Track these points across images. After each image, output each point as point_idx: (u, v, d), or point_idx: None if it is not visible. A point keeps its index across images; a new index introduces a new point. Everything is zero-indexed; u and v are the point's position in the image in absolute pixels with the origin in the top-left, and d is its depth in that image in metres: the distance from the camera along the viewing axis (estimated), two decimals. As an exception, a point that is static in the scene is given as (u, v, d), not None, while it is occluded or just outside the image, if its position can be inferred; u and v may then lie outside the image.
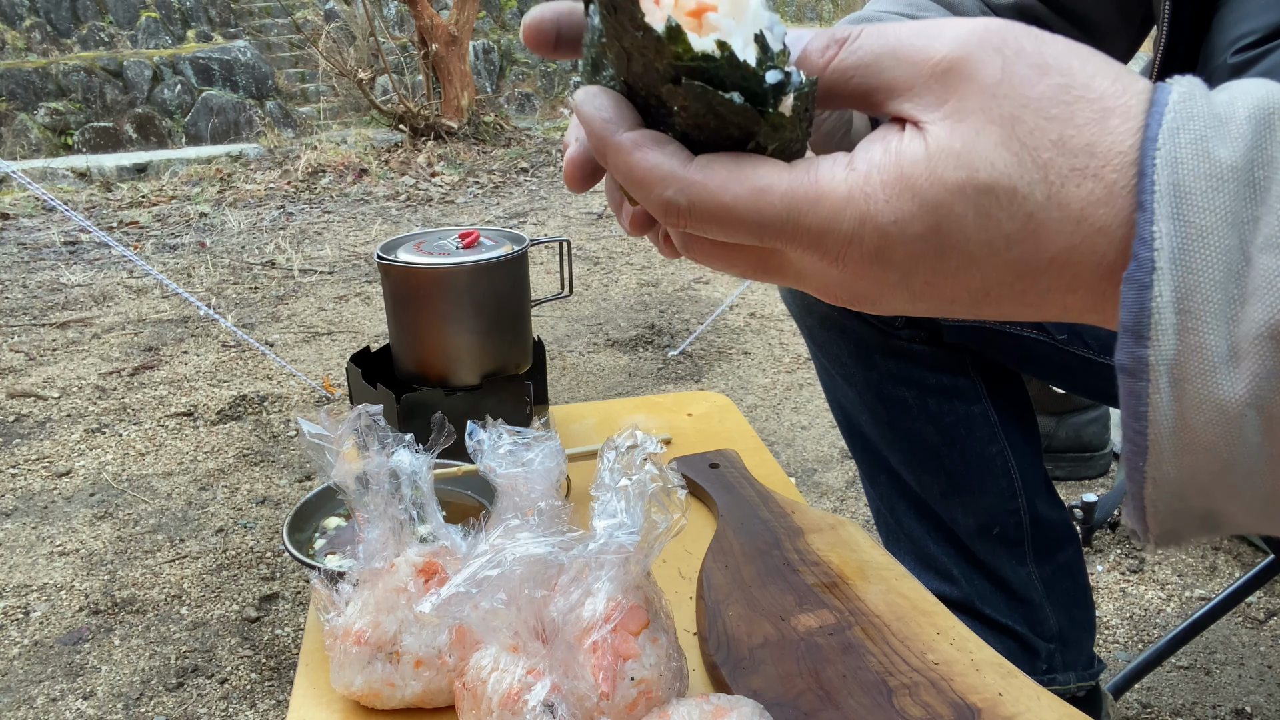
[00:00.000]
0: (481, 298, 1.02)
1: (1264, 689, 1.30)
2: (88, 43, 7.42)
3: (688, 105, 0.35)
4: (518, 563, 0.54)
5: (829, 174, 0.34)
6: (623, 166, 0.36)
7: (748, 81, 0.34)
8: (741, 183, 0.34)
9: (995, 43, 0.32)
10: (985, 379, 0.91)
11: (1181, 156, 0.30)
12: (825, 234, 0.34)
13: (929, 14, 0.75)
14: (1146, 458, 0.32)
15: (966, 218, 0.32)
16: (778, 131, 0.35)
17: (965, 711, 0.63)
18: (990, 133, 0.31)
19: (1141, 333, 0.31)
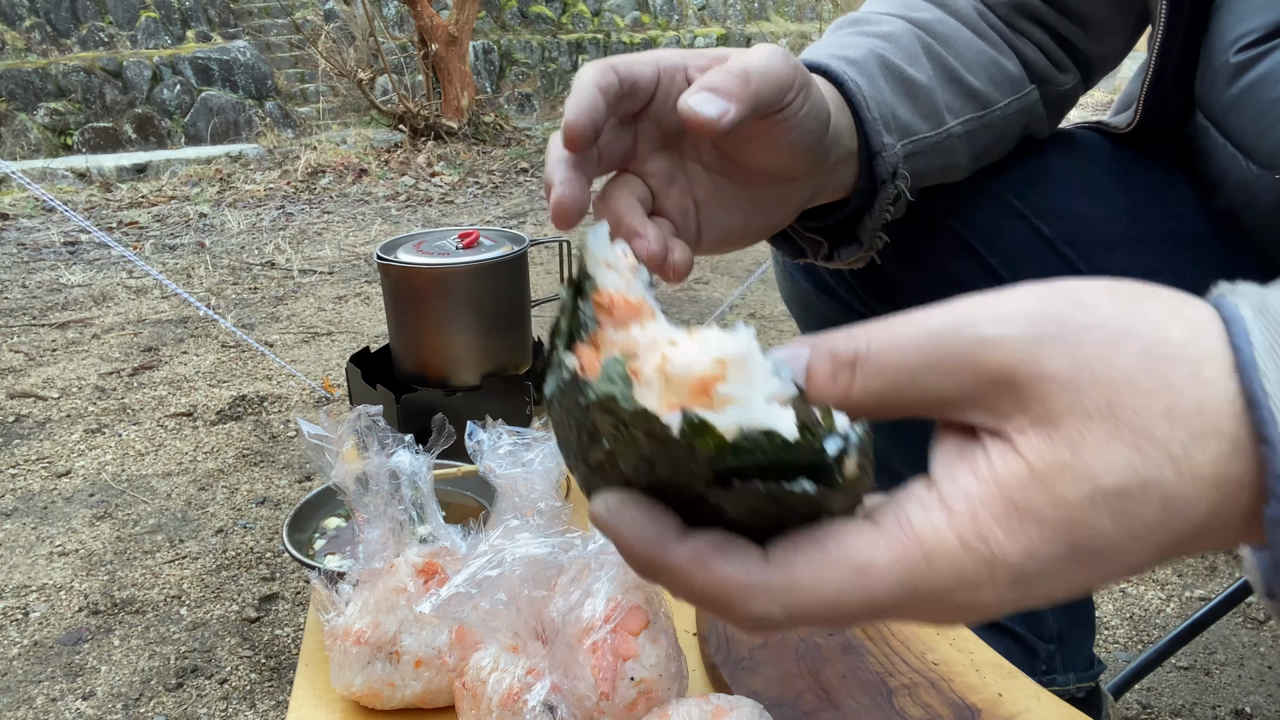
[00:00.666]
0: (481, 298, 1.02)
1: (1264, 689, 1.30)
2: (87, 43, 7.42)
3: (743, 502, 0.30)
4: (518, 563, 0.54)
5: (927, 525, 0.30)
6: (688, 588, 0.31)
7: (805, 458, 0.30)
8: (837, 568, 0.30)
9: (1050, 330, 0.29)
10: None
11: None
12: (951, 590, 0.30)
13: (921, 13, 0.75)
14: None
15: (1103, 525, 0.29)
16: (848, 497, 0.32)
17: (965, 711, 0.63)
18: (1095, 431, 0.28)
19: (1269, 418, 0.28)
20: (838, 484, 0.30)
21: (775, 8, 10.35)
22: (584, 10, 9.27)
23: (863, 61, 0.68)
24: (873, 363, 0.31)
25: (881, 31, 0.72)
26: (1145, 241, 0.76)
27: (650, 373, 0.30)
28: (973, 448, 0.30)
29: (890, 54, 0.70)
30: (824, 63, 0.66)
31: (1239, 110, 0.67)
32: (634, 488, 0.32)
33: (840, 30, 0.75)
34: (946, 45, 0.74)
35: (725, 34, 9.63)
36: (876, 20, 0.74)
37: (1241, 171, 0.69)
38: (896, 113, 0.69)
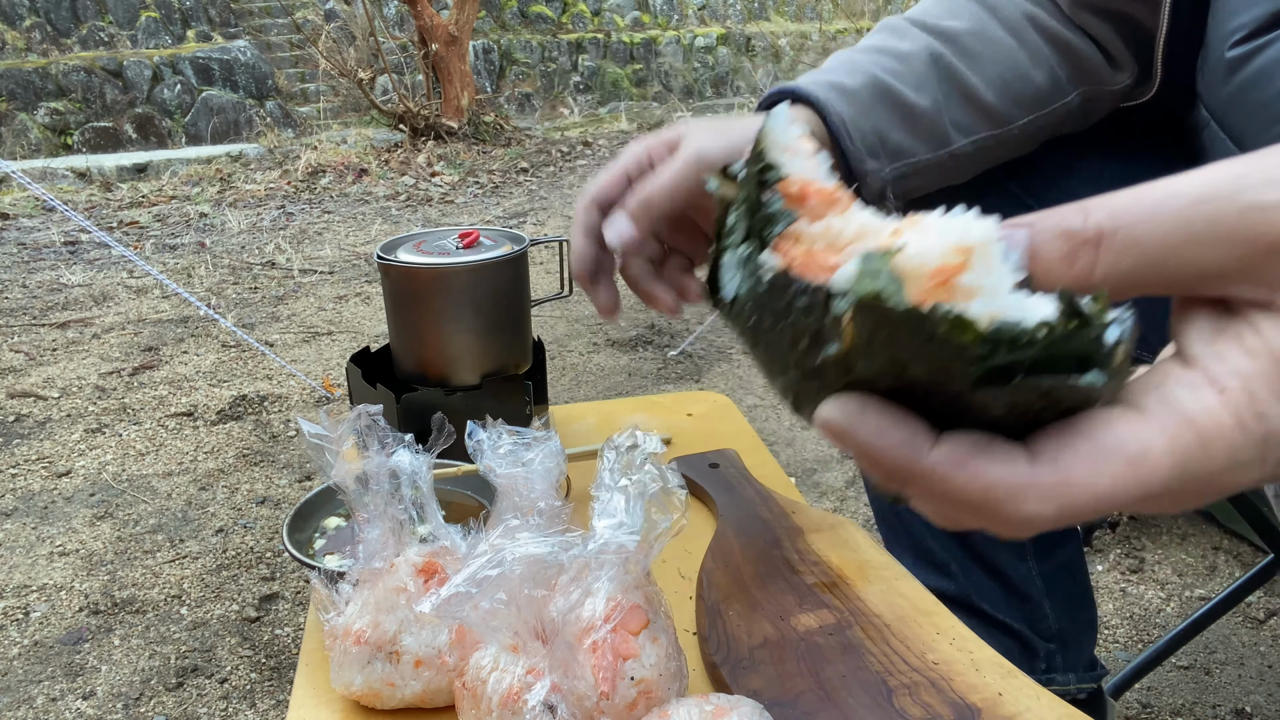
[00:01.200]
0: (481, 298, 1.02)
1: (1264, 689, 1.30)
2: (88, 43, 7.42)
3: (1014, 400, 0.28)
4: (518, 563, 0.54)
5: (1199, 406, 0.28)
6: (946, 494, 0.29)
7: (1087, 354, 0.27)
8: (1112, 460, 0.29)
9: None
10: None
11: None
12: (1222, 472, 0.29)
13: (957, 22, 0.75)
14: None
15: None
16: (1116, 382, 0.29)
17: (965, 711, 0.63)
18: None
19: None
20: (1112, 370, 0.28)
21: (775, 7, 10.35)
22: (584, 10, 9.27)
23: (858, 90, 0.71)
24: (1122, 237, 0.29)
25: (900, 51, 0.74)
26: None
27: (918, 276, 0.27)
28: (1236, 323, 0.29)
29: (894, 79, 0.72)
30: (809, 92, 0.70)
31: (1235, 108, 0.67)
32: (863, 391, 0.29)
33: (871, 41, 0.77)
34: (972, 61, 0.74)
35: (725, 33, 9.63)
36: (903, 34, 0.76)
37: None
38: (889, 137, 0.72)
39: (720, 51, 9.58)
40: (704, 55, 9.48)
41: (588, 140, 6.57)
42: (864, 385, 0.29)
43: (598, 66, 8.99)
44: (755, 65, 9.79)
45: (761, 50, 9.84)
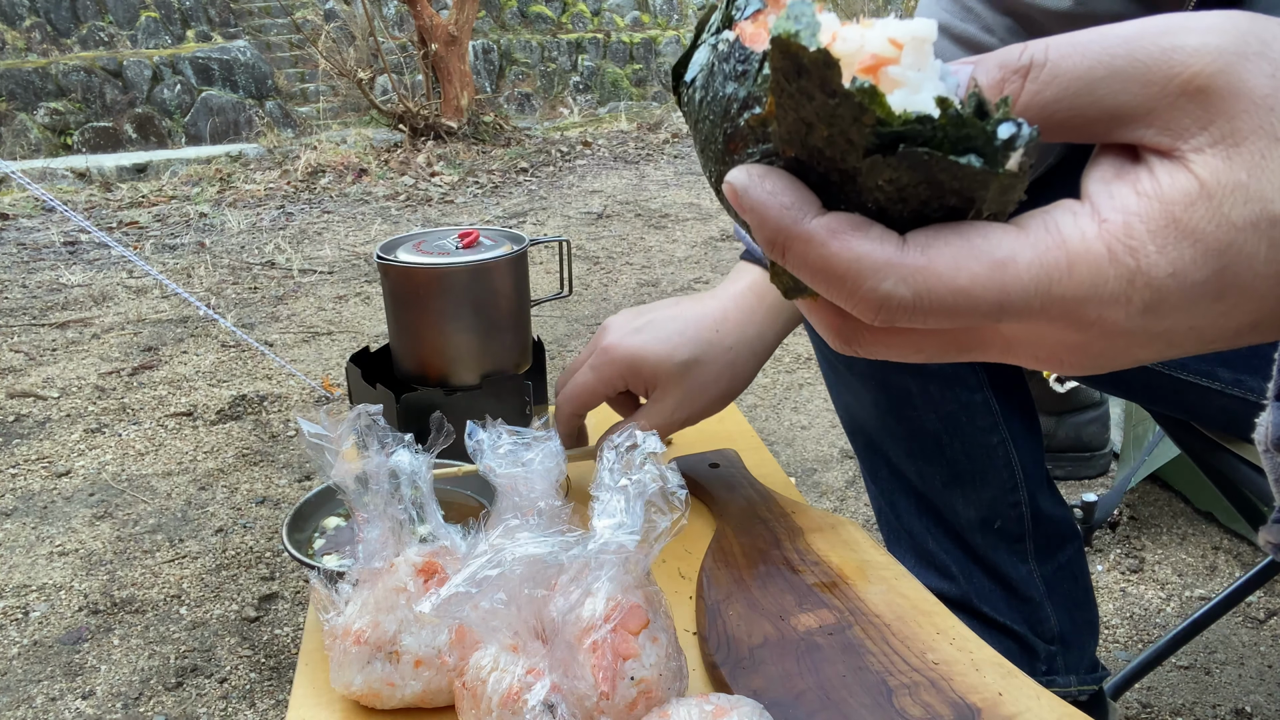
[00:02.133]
0: (481, 298, 1.02)
1: (1264, 689, 1.30)
2: (87, 43, 7.42)
3: (896, 177, 0.30)
4: (517, 563, 0.54)
5: (1075, 232, 0.29)
6: (816, 260, 0.30)
7: (974, 141, 0.28)
8: (978, 259, 0.29)
9: (1255, 46, 0.27)
10: (987, 369, 0.91)
11: None
12: (1084, 301, 0.29)
13: (971, 24, 0.74)
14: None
15: (1258, 255, 0.28)
16: (1005, 194, 0.30)
17: (965, 711, 0.63)
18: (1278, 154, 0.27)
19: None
20: (1000, 172, 0.29)
21: (775, 7, 10.35)
22: (584, 10, 9.27)
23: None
24: (1049, 69, 0.29)
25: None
26: None
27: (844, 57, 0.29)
28: (1136, 167, 0.29)
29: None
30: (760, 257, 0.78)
31: None
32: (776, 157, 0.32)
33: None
34: None
35: (725, 34, 9.63)
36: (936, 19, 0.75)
37: None
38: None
39: (720, 51, 9.58)
40: (704, 55, 9.48)
41: (588, 140, 6.57)
42: (773, 158, 0.32)
43: (597, 66, 8.99)
44: (755, 65, 9.79)
45: (761, 50, 9.84)
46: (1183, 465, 1.67)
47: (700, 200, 4.76)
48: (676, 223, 4.30)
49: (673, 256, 3.74)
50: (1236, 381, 0.74)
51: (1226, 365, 0.74)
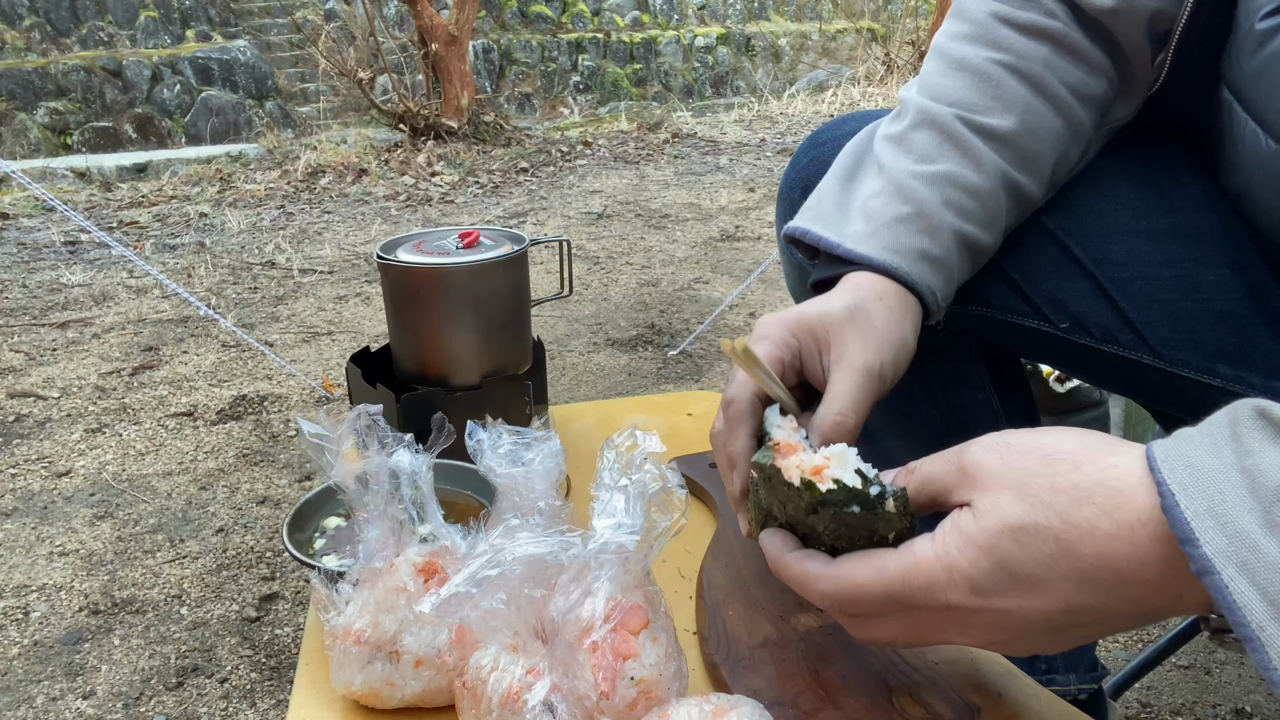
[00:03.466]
0: (481, 297, 1.02)
1: (1264, 688, 1.30)
2: (87, 42, 7.42)
3: (828, 525, 0.55)
4: (518, 562, 0.54)
5: (922, 548, 0.50)
6: (790, 576, 0.55)
7: (860, 497, 0.54)
8: (864, 567, 0.51)
9: (988, 443, 0.50)
10: (989, 367, 0.91)
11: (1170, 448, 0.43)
12: (931, 588, 0.49)
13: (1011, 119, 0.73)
14: (1268, 649, 0.37)
15: (1014, 550, 0.46)
16: (890, 524, 0.54)
17: (965, 711, 0.63)
18: (1006, 494, 0.47)
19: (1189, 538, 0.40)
20: (879, 513, 0.54)
21: (775, 7, 10.35)
22: (584, 10, 9.27)
23: (945, 256, 0.70)
24: (918, 472, 0.55)
25: (975, 186, 0.71)
26: (1146, 233, 0.76)
27: (793, 470, 0.56)
28: (957, 513, 0.50)
29: (974, 225, 0.71)
30: (909, 276, 0.69)
31: (1261, 82, 0.67)
32: (776, 523, 0.60)
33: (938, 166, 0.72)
34: (1030, 167, 0.73)
35: (725, 33, 9.63)
36: (971, 155, 0.72)
37: (1259, 147, 0.69)
38: (962, 280, 0.74)
39: (720, 51, 9.58)
40: (704, 55, 9.48)
41: (588, 140, 6.57)
42: (772, 519, 0.61)
43: (598, 66, 8.99)
44: (755, 65, 9.79)
45: (761, 50, 9.84)
46: (1183, 465, 1.66)
47: (700, 200, 4.77)
48: (676, 223, 4.30)
49: (673, 256, 3.74)
50: (1238, 378, 0.74)
51: (1227, 362, 0.75)
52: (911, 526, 0.55)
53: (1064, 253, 0.77)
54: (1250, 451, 0.39)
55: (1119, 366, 0.78)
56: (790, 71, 9.98)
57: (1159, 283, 0.74)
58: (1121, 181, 0.79)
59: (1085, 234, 0.77)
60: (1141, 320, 0.75)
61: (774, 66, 9.87)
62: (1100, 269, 0.76)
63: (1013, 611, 0.47)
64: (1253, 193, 0.73)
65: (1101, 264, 0.76)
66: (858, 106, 7.62)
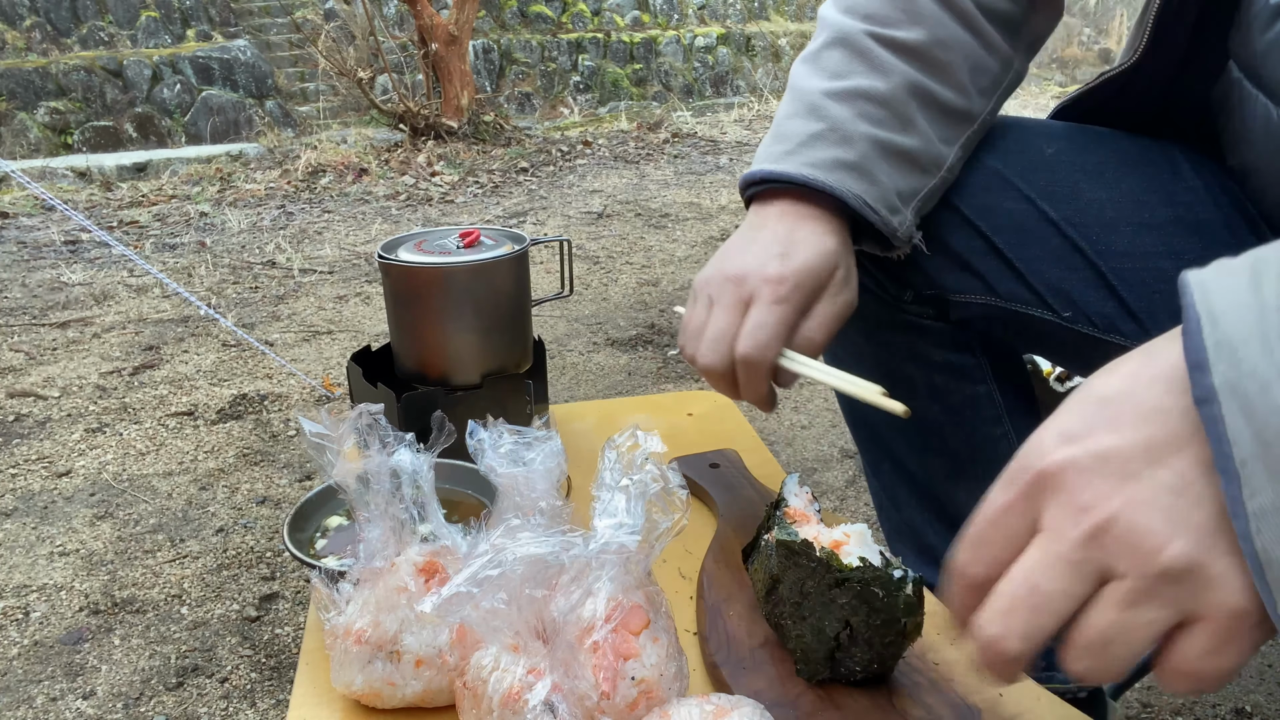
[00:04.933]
0: (482, 297, 1.02)
1: (1264, 688, 1.30)
2: (88, 42, 7.42)
3: (848, 602, 0.60)
4: (519, 562, 0.54)
5: None
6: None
7: (883, 579, 0.59)
8: None
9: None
10: (991, 360, 0.91)
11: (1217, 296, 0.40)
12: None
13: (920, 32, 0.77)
14: (1241, 484, 0.36)
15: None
16: (909, 610, 0.60)
17: (965, 712, 0.63)
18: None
19: (1201, 364, 0.38)
20: (900, 596, 0.59)
21: (775, 7, 10.35)
22: (584, 9, 9.27)
23: (861, 161, 0.74)
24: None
25: (880, 93, 0.75)
26: (1148, 225, 0.77)
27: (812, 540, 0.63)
28: None
29: (886, 130, 0.75)
30: (820, 181, 0.73)
31: (1272, 57, 0.68)
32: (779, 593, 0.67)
33: (844, 81, 0.76)
34: (942, 75, 0.77)
35: (725, 33, 9.63)
36: (874, 63, 0.76)
37: (1270, 122, 0.69)
38: (901, 188, 0.75)
39: (720, 51, 9.58)
40: (704, 55, 9.48)
41: (588, 140, 6.57)
42: (776, 588, 0.68)
43: (598, 66, 8.99)
44: (755, 65, 9.79)
45: (761, 50, 9.84)
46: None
47: (700, 200, 4.76)
48: (677, 222, 4.30)
49: (673, 256, 3.74)
50: None
51: None
52: (923, 615, 0.61)
53: (1067, 243, 0.77)
54: (1269, 285, 0.38)
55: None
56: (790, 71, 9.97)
57: (1161, 273, 0.75)
58: (1124, 174, 0.79)
59: (1088, 225, 0.77)
60: (1144, 310, 0.76)
61: (774, 66, 9.86)
62: (1103, 259, 0.76)
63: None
64: (1260, 168, 0.74)
65: (1104, 254, 0.76)
66: (858, 106, 7.59)
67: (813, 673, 0.66)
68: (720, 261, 0.78)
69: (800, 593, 0.63)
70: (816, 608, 0.63)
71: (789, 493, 0.73)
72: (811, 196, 0.75)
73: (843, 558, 0.62)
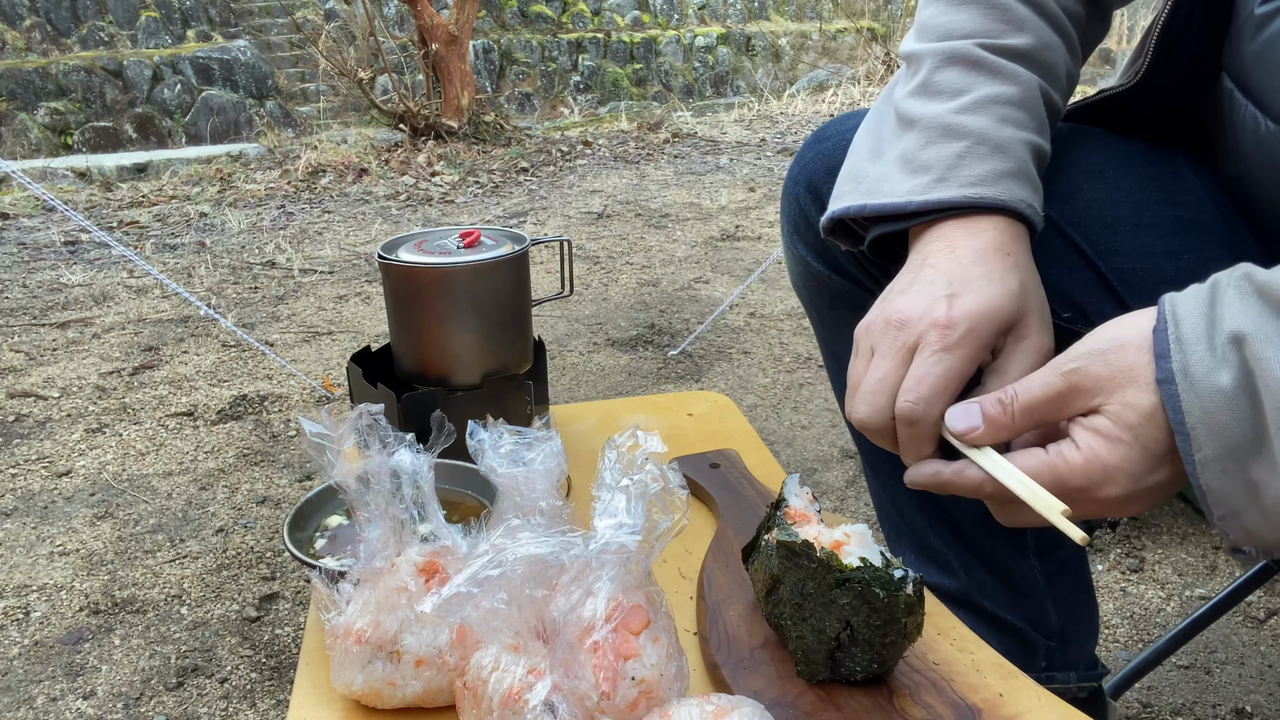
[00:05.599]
0: (482, 297, 1.02)
1: (1264, 688, 1.30)
2: (88, 42, 7.42)
3: (848, 602, 0.61)
4: (519, 562, 0.54)
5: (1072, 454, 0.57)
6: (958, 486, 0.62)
7: (883, 579, 0.60)
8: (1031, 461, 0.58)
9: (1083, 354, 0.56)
10: None
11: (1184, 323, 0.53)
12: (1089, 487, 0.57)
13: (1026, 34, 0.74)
14: (1190, 442, 0.50)
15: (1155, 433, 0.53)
16: (909, 609, 0.61)
17: (965, 712, 0.63)
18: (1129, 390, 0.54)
19: (1164, 354, 0.51)
20: (900, 596, 0.60)
21: (775, 7, 10.35)
22: (584, 9, 9.27)
23: (1021, 168, 0.68)
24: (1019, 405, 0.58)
25: (1021, 99, 0.71)
26: (1148, 225, 0.77)
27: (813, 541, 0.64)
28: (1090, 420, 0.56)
29: (1030, 133, 0.70)
30: (995, 199, 0.66)
31: (1260, 64, 0.68)
32: (779, 594, 0.67)
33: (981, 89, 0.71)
34: (1052, 78, 0.74)
35: (725, 33, 9.63)
36: (1003, 73, 0.71)
37: (1258, 130, 0.69)
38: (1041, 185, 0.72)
39: (720, 51, 9.57)
40: (704, 55, 9.48)
41: (588, 140, 6.57)
42: (777, 589, 0.68)
43: (598, 66, 8.99)
44: (755, 65, 9.79)
45: (761, 50, 9.84)
46: (1183, 465, 1.67)
47: (700, 200, 4.76)
48: (677, 222, 4.30)
49: (673, 256, 3.74)
50: None
51: None
52: (923, 615, 0.62)
53: (1067, 243, 0.77)
54: (1220, 301, 0.51)
55: None
56: (790, 71, 9.97)
57: (1160, 274, 0.75)
58: (1124, 175, 0.79)
59: (1088, 225, 0.77)
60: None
61: (774, 66, 9.86)
62: (1103, 260, 0.76)
63: (1161, 482, 0.54)
64: (1251, 177, 0.74)
65: (1105, 255, 0.76)
66: (858, 106, 7.61)
67: (813, 673, 0.65)
68: (882, 306, 0.67)
69: (801, 593, 0.63)
70: (817, 608, 0.63)
71: (789, 493, 0.73)
72: (973, 220, 0.66)
73: (843, 558, 0.62)
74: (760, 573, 0.71)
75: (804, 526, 0.68)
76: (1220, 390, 0.48)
